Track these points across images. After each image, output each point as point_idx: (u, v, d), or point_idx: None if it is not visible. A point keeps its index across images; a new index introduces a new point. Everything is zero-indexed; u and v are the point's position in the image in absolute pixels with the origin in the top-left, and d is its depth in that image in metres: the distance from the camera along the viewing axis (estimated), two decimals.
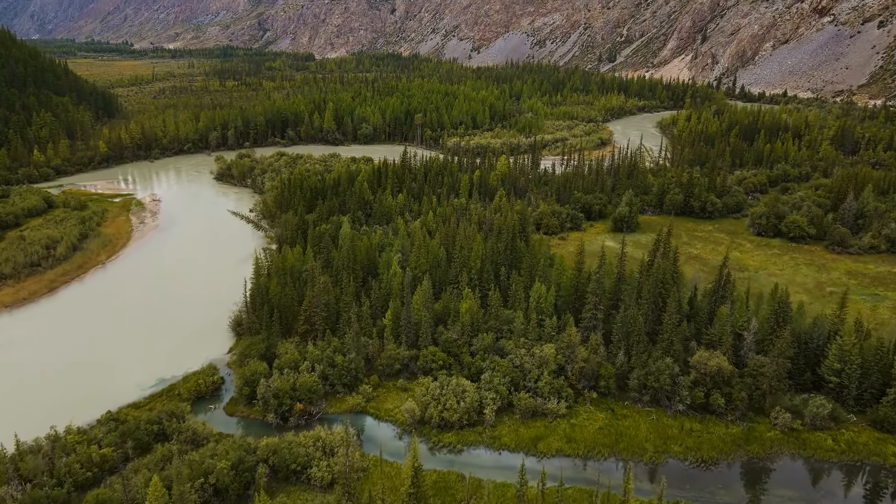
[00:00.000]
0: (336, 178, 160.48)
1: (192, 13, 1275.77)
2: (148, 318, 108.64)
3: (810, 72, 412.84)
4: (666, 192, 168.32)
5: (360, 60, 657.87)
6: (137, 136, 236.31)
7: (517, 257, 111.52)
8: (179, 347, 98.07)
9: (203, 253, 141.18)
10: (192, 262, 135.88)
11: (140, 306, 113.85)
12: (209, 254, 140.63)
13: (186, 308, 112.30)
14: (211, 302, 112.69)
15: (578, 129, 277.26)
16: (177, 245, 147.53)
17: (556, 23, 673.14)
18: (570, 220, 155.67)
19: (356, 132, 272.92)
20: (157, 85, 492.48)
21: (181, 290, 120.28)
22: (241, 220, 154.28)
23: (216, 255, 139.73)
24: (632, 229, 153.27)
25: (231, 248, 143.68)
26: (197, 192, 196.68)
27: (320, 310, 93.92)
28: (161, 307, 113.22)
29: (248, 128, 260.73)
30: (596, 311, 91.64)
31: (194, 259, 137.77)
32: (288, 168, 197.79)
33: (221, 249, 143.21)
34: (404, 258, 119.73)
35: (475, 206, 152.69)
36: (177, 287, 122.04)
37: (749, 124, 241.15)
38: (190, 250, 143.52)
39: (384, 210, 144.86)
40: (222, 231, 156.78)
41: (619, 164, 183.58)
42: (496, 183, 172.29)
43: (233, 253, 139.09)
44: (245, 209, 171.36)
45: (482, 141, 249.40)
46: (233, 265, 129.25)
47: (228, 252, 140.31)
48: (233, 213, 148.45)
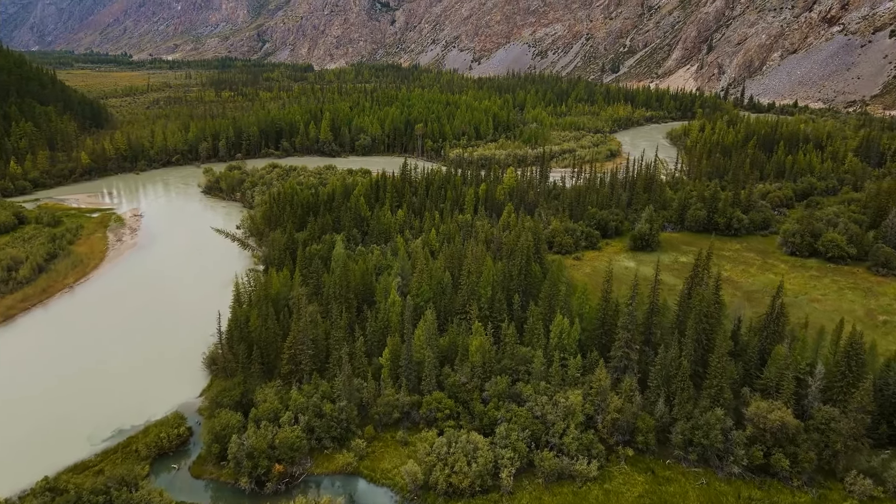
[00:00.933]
0: (330, 192, 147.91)
1: (192, 25, 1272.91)
2: (112, 352, 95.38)
3: (820, 82, 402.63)
4: (687, 208, 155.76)
5: (359, 71, 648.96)
6: (123, 147, 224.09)
7: (532, 283, 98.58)
8: (144, 389, 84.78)
9: (183, 275, 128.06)
10: (170, 285, 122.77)
11: (105, 337, 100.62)
12: (189, 276, 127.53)
13: (157, 340, 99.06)
14: (186, 333, 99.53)
15: (586, 140, 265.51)
16: (155, 266, 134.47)
17: (558, 33, 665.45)
18: (586, 238, 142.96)
19: (354, 143, 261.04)
20: (151, 95, 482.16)
21: (154, 319, 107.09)
22: (226, 238, 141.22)
23: (197, 277, 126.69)
24: (652, 248, 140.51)
25: (215, 269, 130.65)
26: (182, 207, 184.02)
27: (307, 347, 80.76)
28: (129, 338, 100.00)
29: (240, 138, 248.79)
30: (628, 350, 78.50)
31: (172, 282, 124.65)
32: (280, 181, 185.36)
33: (204, 271, 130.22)
34: (404, 283, 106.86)
35: (482, 223, 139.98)
36: (149, 315, 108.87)
37: (767, 135, 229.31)
38: (169, 272, 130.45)
39: (382, 227, 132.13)
40: (206, 250, 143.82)
41: (634, 177, 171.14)
42: (503, 197, 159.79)
43: (216, 275, 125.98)
44: (233, 225, 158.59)
45: (486, 152, 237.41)
46: (215, 289, 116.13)
47: (211, 274, 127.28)
48: (217, 230, 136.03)
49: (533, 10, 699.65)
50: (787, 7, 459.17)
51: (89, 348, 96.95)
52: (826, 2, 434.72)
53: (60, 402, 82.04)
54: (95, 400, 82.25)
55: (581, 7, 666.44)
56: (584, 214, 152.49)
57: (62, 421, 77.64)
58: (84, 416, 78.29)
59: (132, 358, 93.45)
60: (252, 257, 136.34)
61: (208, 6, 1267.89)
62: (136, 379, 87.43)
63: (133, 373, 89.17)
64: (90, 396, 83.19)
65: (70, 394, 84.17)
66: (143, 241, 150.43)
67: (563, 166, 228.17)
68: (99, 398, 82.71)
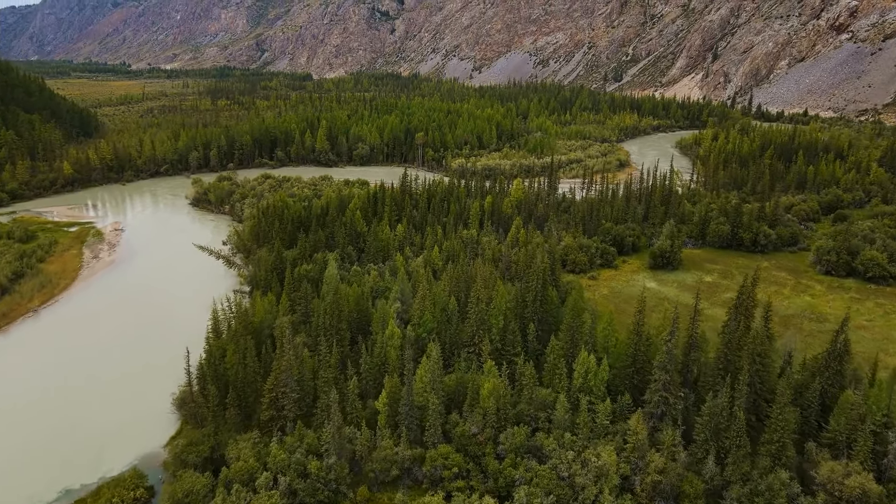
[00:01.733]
0: (324, 206, 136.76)
1: (191, 34, 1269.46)
2: (70, 390, 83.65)
3: (830, 90, 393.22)
4: (708, 222, 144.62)
5: (358, 80, 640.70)
6: (108, 157, 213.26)
7: (549, 310, 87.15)
8: (102, 436, 73.08)
9: (160, 297, 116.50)
10: (145, 309, 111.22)
11: (66, 371, 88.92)
12: (168, 298, 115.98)
13: (123, 376, 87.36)
14: (157, 368, 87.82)
15: (594, 150, 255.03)
16: (131, 287, 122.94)
17: (560, 42, 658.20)
18: (601, 255, 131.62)
19: (351, 153, 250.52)
20: (146, 104, 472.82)
21: (122, 350, 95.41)
22: (210, 255, 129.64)
23: (176, 299, 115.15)
24: (674, 266, 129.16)
25: (197, 290, 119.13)
26: (167, 220, 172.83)
27: (290, 389, 69.14)
28: (92, 373, 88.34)
29: (232, 148, 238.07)
30: (667, 395, 66.93)
31: (148, 306, 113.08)
32: (272, 192, 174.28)
33: (184, 292, 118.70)
34: (404, 308, 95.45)
35: (488, 239, 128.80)
36: (118, 345, 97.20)
37: (783, 144, 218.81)
38: (145, 294, 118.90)
39: (380, 244, 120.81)
40: (189, 268, 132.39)
41: (650, 188, 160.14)
42: (511, 211, 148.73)
43: (198, 297, 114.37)
44: (220, 240, 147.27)
45: (490, 162, 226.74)
46: (196, 313, 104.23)
47: (192, 296, 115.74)
48: (199, 247, 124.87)
49: (534, 18, 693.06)
50: (793, 14, 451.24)
51: (46, 386, 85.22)
52: (834, 9, 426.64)
53: (4, 452, 70.24)
54: (41, 451, 70.47)
55: (583, 15, 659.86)
56: (599, 229, 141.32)
57: (1, 477, 65.85)
58: (25, 475, 66.49)
59: (91, 397, 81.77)
60: (238, 276, 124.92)
61: (208, 16, 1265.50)
62: (94, 423, 75.72)
63: (91, 415, 77.47)
64: (35, 446, 71.40)
65: (17, 442, 72.43)
66: (121, 258, 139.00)
67: (571, 177, 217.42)
68: (46, 448, 70.94)
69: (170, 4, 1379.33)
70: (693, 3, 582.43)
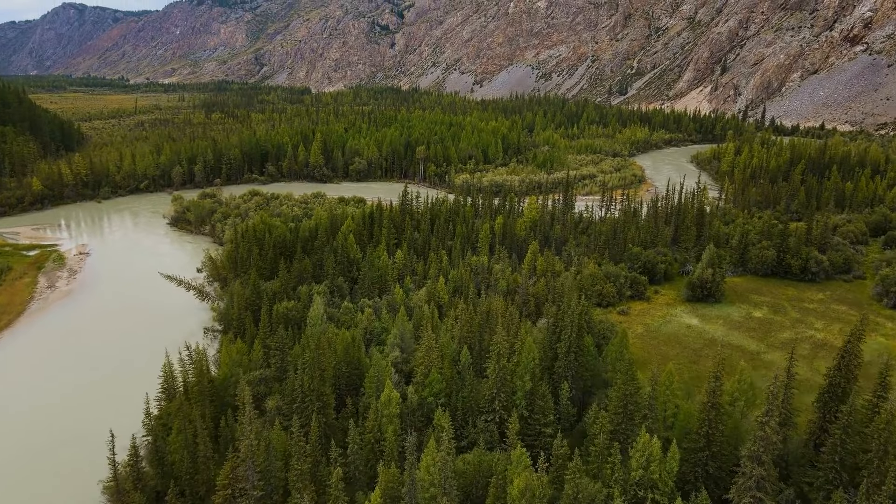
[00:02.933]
0: (313, 228, 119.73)
1: (190, 49, 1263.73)
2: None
3: (846, 103, 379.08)
4: (747, 246, 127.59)
5: (357, 94, 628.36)
6: (83, 172, 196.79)
7: (586, 364, 69.75)
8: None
9: (118, 338, 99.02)
10: (96, 353, 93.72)
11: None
12: (126, 340, 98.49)
13: (52, 448, 69.66)
14: (94, 434, 70.08)
15: (606, 165, 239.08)
16: (85, 322, 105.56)
17: (562, 55, 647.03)
18: (630, 285, 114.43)
19: (347, 167, 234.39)
20: (137, 117, 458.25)
21: (59, 411, 77.73)
22: (179, 286, 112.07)
23: (136, 341, 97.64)
24: (716, 298, 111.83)
25: (163, 328, 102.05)
26: (140, 242, 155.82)
27: (251, 486, 51.43)
28: (15, 444, 70.63)
29: (220, 162, 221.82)
30: (761, 495, 49.25)
31: (101, 348, 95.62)
32: (258, 211, 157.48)
33: (147, 331, 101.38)
34: (405, 356, 78.13)
35: (501, 267, 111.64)
36: (54, 403, 79.54)
37: (815, 158, 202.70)
38: (100, 332, 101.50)
39: (376, 274, 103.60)
40: (157, 299, 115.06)
41: (679, 207, 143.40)
42: (525, 232, 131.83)
43: (163, 337, 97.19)
44: (197, 266, 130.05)
45: (497, 178, 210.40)
46: (153, 364, 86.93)
47: (156, 336, 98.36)
48: (166, 276, 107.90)
49: (536, 31, 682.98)
50: (805, 26, 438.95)
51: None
52: (848, 20, 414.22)
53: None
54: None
55: (586, 28, 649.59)
56: (625, 254, 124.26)
57: None
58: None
59: (6, 481, 63.96)
60: (212, 310, 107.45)
61: (207, 31, 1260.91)
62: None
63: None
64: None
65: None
66: (81, 288, 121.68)
67: (585, 193, 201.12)
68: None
69: (169, 19, 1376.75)
70: (699, 15, 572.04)
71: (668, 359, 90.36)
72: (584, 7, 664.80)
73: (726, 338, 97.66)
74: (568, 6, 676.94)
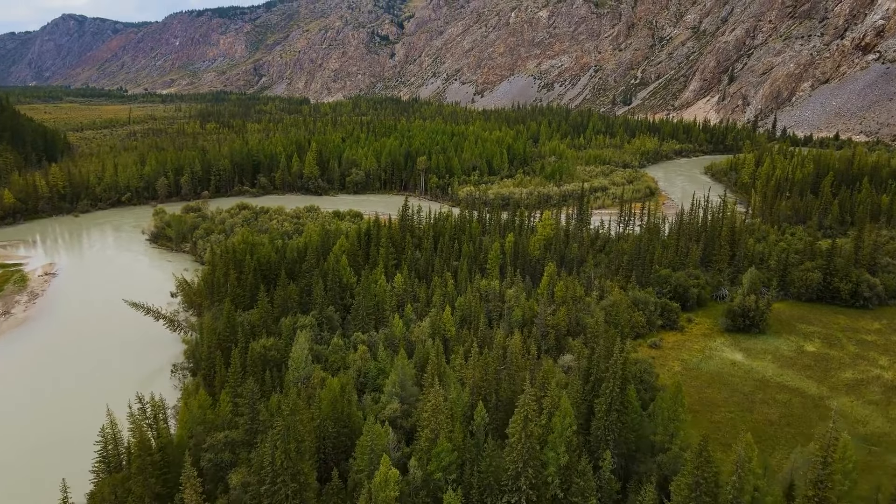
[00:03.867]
0: (301, 248, 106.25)
1: (189, 60, 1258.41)
2: None
3: (860, 113, 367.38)
4: (789, 267, 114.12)
5: (356, 104, 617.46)
6: (61, 184, 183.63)
7: (631, 425, 55.99)
8: None
9: (69, 379, 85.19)
10: (48, 393, 79.91)
11: None
12: (80, 381, 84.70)
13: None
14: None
15: (618, 176, 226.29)
16: (39, 356, 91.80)
17: (565, 65, 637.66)
18: (661, 312, 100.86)
19: (344, 179, 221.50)
20: (131, 127, 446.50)
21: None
22: (146, 315, 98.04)
23: (91, 384, 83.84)
24: (759, 329, 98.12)
25: (127, 363, 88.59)
26: (115, 261, 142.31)
27: None
28: None
29: (208, 173, 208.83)
30: None
31: (54, 386, 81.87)
32: (244, 227, 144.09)
33: (108, 368, 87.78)
34: (405, 407, 64.43)
35: (515, 293, 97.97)
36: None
37: (842, 170, 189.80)
38: (55, 367, 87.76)
39: (372, 302, 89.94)
40: (126, 327, 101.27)
41: (707, 223, 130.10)
42: (539, 252, 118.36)
43: (124, 376, 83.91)
44: (172, 289, 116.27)
45: (502, 190, 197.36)
46: (113, 406, 73.22)
47: (117, 375, 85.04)
48: (132, 304, 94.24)
49: (538, 41, 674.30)
50: (815, 35, 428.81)
51: None
52: (859, 28, 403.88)
53: None
54: None
55: (588, 38, 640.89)
56: (652, 277, 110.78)
57: None
58: None
59: None
60: (184, 342, 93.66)
61: (206, 41, 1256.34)
62: None
63: None
64: None
65: None
66: (40, 314, 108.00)
67: (597, 207, 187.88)
68: None
69: (169, 30, 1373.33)
70: (703, 24, 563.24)
71: (715, 405, 76.77)
72: (586, 17, 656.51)
73: (779, 378, 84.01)
74: (570, 16, 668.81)
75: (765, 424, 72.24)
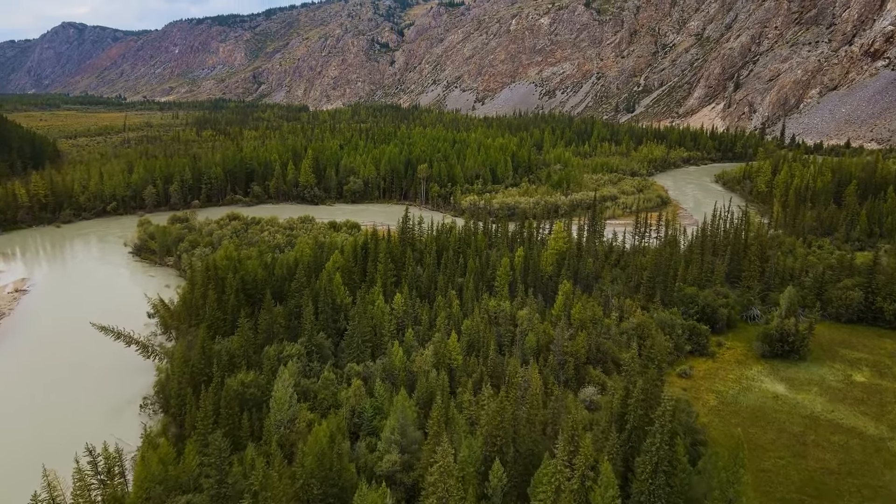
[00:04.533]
0: (291, 264, 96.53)
1: (188, 68, 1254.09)
2: None
3: (871, 120, 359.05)
4: (826, 284, 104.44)
5: (355, 111, 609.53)
6: (42, 193, 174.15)
7: (680, 490, 46.07)
8: None
9: (25, 411, 75.16)
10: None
11: None
12: (40, 412, 74.73)
13: None
14: None
15: (627, 185, 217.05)
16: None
17: (566, 72, 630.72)
18: (690, 336, 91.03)
19: (342, 187, 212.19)
20: (126, 134, 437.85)
21: None
22: (116, 340, 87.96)
23: (52, 415, 73.92)
24: (800, 355, 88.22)
25: (91, 397, 78.79)
26: (93, 275, 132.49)
27: None
28: None
29: (199, 182, 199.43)
30: None
31: (4, 426, 71.86)
32: (233, 239, 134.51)
33: (71, 399, 77.89)
34: (406, 459, 54.57)
35: (528, 315, 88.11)
36: None
37: (865, 179, 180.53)
38: (10, 402, 77.69)
39: (367, 326, 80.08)
40: (99, 352, 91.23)
41: (732, 235, 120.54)
42: (551, 268, 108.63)
43: (88, 410, 74.14)
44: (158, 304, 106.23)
45: (508, 199, 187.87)
46: (61, 456, 63.19)
47: (81, 407, 75.23)
48: (100, 327, 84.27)
49: (539, 48, 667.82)
50: (822, 41, 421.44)
51: None
52: (868, 34, 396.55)
53: None
54: None
55: (590, 45, 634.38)
56: (676, 296, 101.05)
57: None
58: None
59: None
60: (158, 371, 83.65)
61: (206, 49, 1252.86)
62: None
63: None
64: None
65: None
66: (3, 337, 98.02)
67: (607, 217, 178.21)
68: None
69: (168, 38, 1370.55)
70: (707, 31, 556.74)
71: (762, 449, 66.78)
72: (588, 24, 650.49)
73: (830, 415, 73.98)
74: (571, 23, 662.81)
75: (822, 474, 62.33)
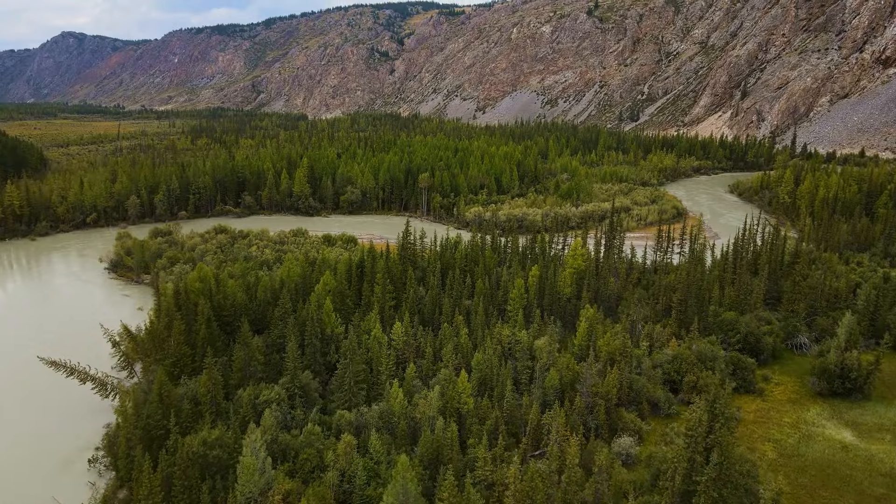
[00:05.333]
0: (276, 286, 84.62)
1: (188, 77, 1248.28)
2: None
3: (885, 129, 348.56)
4: (879, 310, 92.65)
5: (355, 120, 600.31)
6: (17, 204, 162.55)
7: None
8: None
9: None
10: None
11: None
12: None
13: None
14: None
15: (639, 195, 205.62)
16: None
17: (569, 81, 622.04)
18: (734, 370, 79.00)
19: (338, 198, 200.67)
20: (119, 143, 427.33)
21: None
22: (69, 377, 75.78)
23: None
24: (864, 394, 76.22)
25: (40, 441, 66.79)
26: (61, 294, 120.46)
27: None
28: None
29: (187, 192, 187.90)
30: None
31: None
32: (218, 254, 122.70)
33: (10, 449, 65.90)
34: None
35: (547, 345, 76.11)
36: None
37: (894, 190, 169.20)
38: None
39: (361, 362, 68.05)
40: (52, 389, 79.26)
41: (768, 252, 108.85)
42: (569, 289, 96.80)
43: (29, 464, 62.20)
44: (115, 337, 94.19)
45: (515, 210, 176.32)
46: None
47: (20, 459, 63.28)
48: (50, 362, 72.55)
49: (541, 57, 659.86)
50: (832, 48, 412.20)
51: None
52: (879, 41, 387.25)
53: None
54: None
55: (593, 54, 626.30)
56: (713, 322, 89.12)
57: None
58: None
59: None
60: (116, 415, 71.50)
61: (205, 59, 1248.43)
62: None
63: None
64: None
65: None
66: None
67: (621, 230, 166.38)
68: None
69: (168, 48, 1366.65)
70: (712, 39, 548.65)
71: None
72: (590, 32, 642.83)
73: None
74: (573, 31, 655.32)
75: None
